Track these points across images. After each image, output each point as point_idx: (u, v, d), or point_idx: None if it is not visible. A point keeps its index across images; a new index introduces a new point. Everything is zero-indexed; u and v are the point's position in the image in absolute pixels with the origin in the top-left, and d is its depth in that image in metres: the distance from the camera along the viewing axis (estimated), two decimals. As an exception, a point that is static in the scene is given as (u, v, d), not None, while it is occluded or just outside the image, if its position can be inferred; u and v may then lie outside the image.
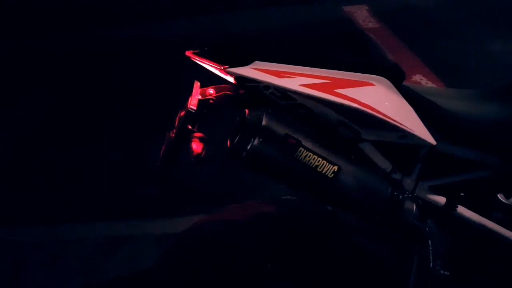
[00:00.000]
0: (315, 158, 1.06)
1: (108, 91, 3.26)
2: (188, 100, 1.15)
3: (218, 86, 1.19)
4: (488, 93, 1.40)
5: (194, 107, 1.12)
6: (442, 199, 1.29)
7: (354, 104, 1.06)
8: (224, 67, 1.09)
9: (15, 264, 1.95)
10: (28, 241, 2.06)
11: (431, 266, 1.19)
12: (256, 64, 1.08)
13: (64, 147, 2.71)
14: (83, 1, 4.39)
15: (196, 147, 1.10)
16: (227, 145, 1.09)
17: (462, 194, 1.31)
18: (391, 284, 1.33)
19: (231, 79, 1.15)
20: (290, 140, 1.04)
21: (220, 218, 1.86)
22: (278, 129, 1.04)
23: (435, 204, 1.28)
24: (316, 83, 1.06)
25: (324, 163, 1.06)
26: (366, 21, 3.85)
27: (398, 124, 1.09)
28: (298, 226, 1.53)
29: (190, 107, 1.12)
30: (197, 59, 1.14)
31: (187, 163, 1.13)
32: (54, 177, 2.48)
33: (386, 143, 1.18)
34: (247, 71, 1.07)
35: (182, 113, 1.16)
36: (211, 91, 1.18)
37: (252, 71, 1.07)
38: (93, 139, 2.75)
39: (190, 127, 1.14)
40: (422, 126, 1.15)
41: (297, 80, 1.06)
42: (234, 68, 1.08)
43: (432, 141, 1.16)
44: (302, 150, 1.05)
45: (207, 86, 1.19)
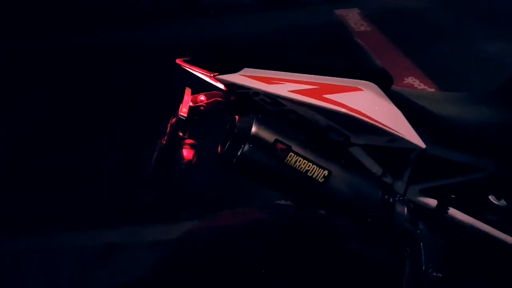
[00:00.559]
0: (305, 163, 1.06)
1: (108, 91, 3.26)
2: (179, 107, 1.15)
3: (209, 92, 1.20)
4: (478, 96, 1.40)
5: (185, 114, 1.13)
6: (433, 202, 1.30)
7: (343, 109, 1.06)
8: (214, 74, 1.10)
9: (11, 272, 1.94)
10: (24, 249, 2.06)
11: (424, 269, 1.19)
12: (246, 70, 1.09)
13: (64, 147, 2.71)
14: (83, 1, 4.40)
15: (187, 154, 1.10)
16: (218, 151, 1.10)
17: (453, 196, 1.32)
18: (384, 287, 1.34)
19: (221, 86, 1.15)
20: (280, 145, 1.05)
21: (215, 224, 1.86)
22: (268, 135, 1.05)
23: (426, 207, 1.29)
24: (305, 89, 1.07)
25: (314, 168, 1.07)
26: (358, 24, 3.87)
27: (387, 128, 1.10)
28: (294, 230, 1.53)
29: (181, 115, 1.12)
30: (187, 66, 1.15)
31: (181, 169, 1.14)
32: (53, 177, 2.48)
33: (376, 147, 1.19)
34: (236, 78, 1.08)
35: (173, 120, 1.17)
36: (202, 97, 1.19)
37: (242, 77, 1.08)
38: (90, 140, 2.75)
39: (181, 134, 1.15)
40: (411, 129, 1.16)
41: (286, 86, 1.07)
42: (224, 75, 1.09)
43: (422, 144, 1.17)
44: (292, 155, 1.05)
45: (199, 93, 1.20)
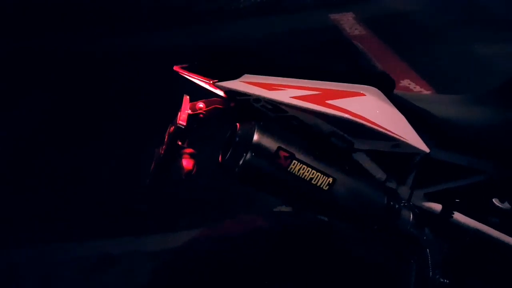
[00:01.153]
0: (309, 170, 1.04)
1: (108, 91, 3.23)
2: (177, 115, 1.13)
3: (208, 99, 1.18)
4: (477, 97, 1.40)
5: (184, 123, 1.10)
6: (438, 206, 1.28)
7: (346, 115, 1.05)
8: (213, 81, 1.07)
9: (7, 286, 1.89)
10: (19, 261, 2.01)
11: (431, 275, 1.18)
12: (246, 77, 1.07)
13: (61, 151, 2.68)
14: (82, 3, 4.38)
15: (187, 164, 1.08)
16: (219, 160, 1.08)
17: (457, 200, 1.31)
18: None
19: (221, 93, 1.13)
20: (283, 153, 1.03)
21: (214, 233, 1.84)
22: (270, 142, 1.03)
23: (431, 212, 1.28)
24: (307, 95, 1.05)
25: (318, 175, 1.05)
26: (353, 28, 3.88)
27: (391, 133, 1.09)
28: (294, 237, 1.51)
29: (180, 123, 1.10)
30: (185, 73, 1.12)
31: (180, 180, 1.11)
32: (53, 177, 2.45)
33: (379, 152, 1.17)
34: (236, 85, 1.06)
35: (172, 128, 1.14)
36: (201, 105, 1.16)
37: (242, 84, 1.06)
38: (85, 146, 2.71)
39: (180, 143, 1.12)
40: (415, 134, 1.15)
41: (287, 92, 1.05)
42: (223, 82, 1.07)
43: (425, 148, 1.16)
44: (295, 163, 1.03)
45: (197, 100, 1.17)
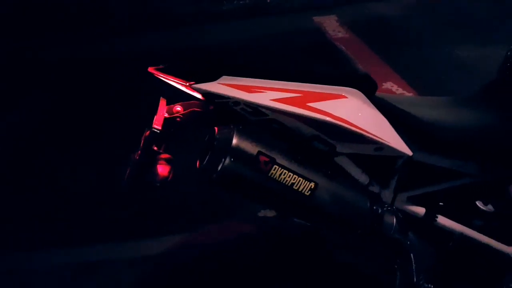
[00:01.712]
0: (290, 175, 1.02)
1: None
2: (154, 119, 1.09)
3: (186, 102, 1.14)
4: (460, 100, 1.40)
5: (159, 127, 1.06)
6: (421, 210, 1.27)
7: (328, 118, 1.03)
8: (190, 83, 1.04)
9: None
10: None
11: (415, 279, 1.16)
12: (224, 79, 1.04)
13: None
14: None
15: (162, 170, 1.04)
16: (197, 165, 1.04)
17: (441, 203, 1.30)
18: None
19: (199, 96, 1.09)
20: (263, 158, 1.00)
21: (197, 239, 1.80)
22: (250, 147, 1.00)
23: (415, 216, 1.26)
24: (287, 97, 1.02)
25: (300, 180, 1.02)
26: (336, 31, 3.89)
27: (373, 136, 1.07)
28: (280, 242, 1.49)
29: (155, 127, 1.06)
30: (161, 75, 1.08)
31: (155, 187, 1.07)
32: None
33: (362, 155, 1.15)
34: (214, 87, 1.03)
35: (147, 133, 1.10)
36: (178, 108, 1.12)
37: (220, 86, 1.03)
38: (66, 152, 2.66)
39: (156, 148, 1.08)
40: (397, 136, 1.13)
41: (267, 94, 1.02)
42: (201, 84, 1.03)
43: (408, 151, 1.14)
44: (276, 168, 1.01)
45: (175, 103, 1.13)
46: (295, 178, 1.01)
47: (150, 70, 1.08)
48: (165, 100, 1.13)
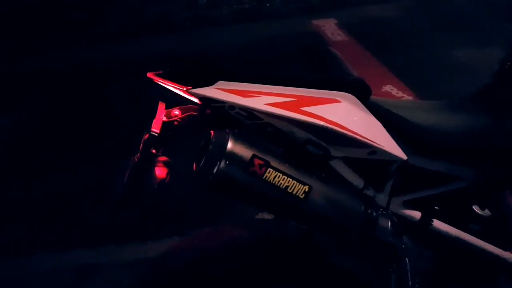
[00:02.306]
0: (284, 178, 1.02)
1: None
2: (152, 123, 1.10)
3: (183, 106, 1.15)
4: (456, 103, 1.40)
5: (157, 130, 1.08)
6: (417, 214, 1.27)
7: (321, 122, 1.03)
8: (187, 88, 1.05)
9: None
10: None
11: (410, 283, 1.16)
12: (220, 84, 1.05)
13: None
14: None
15: (160, 172, 1.05)
16: (193, 168, 1.05)
17: (437, 207, 1.30)
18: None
19: (196, 100, 1.11)
20: (257, 161, 1.01)
21: (194, 242, 1.81)
22: (244, 150, 1.01)
23: (410, 220, 1.27)
24: (281, 102, 1.03)
25: (294, 184, 1.03)
26: (335, 34, 3.90)
27: (367, 140, 1.08)
28: (276, 245, 1.49)
29: (153, 131, 1.07)
30: (159, 80, 1.10)
31: (153, 188, 1.08)
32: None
33: (357, 159, 1.16)
34: (211, 92, 1.04)
35: (146, 136, 1.11)
36: (176, 112, 1.14)
37: (216, 91, 1.04)
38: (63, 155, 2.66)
39: (154, 151, 1.09)
40: (391, 140, 1.14)
41: (262, 99, 1.04)
42: (198, 89, 1.05)
43: (403, 155, 1.15)
44: (271, 171, 1.02)
45: (173, 107, 1.15)
46: (289, 181, 1.02)
47: (149, 75, 1.10)
48: (163, 104, 1.14)
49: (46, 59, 3.90)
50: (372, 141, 1.08)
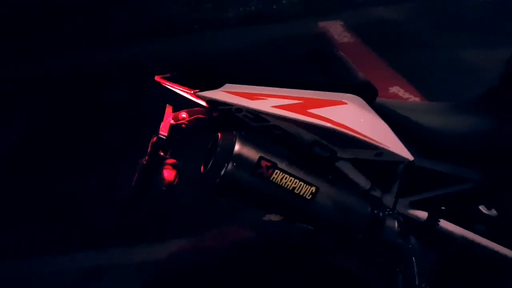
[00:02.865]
0: (291, 180, 1.03)
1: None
2: (160, 126, 1.12)
3: (191, 109, 1.17)
4: (462, 105, 1.40)
5: (165, 133, 1.09)
6: (423, 214, 1.28)
7: (328, 124, 1.04)
8: (194, 91, 1.07)
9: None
10: (4, 275, 1.97)
11: (417, 284, 1.17)
12: (227, 86, 1.06)
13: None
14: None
15: (168, 175, 1.06)
16: (201, 171, 1.06)
17: (443, 208, 1.30)
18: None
19: (203, 103, 1.12)
20: (265, 163, 1.02)
21: (202, 243, 1.81)
22: (251, 152, 1.02)
23: (416, 220, 1.27)
24: (288, 104, 1.04)
25: (301, 185, 1.04)
26: (341, 36, 3.90)
27: (373, 141, 1.08)
28: (283, 247, 1.49)
29: (161, 133, 1.09)
30: (167, 84, 1.12)
31: (161, 191, 1.09)
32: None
33: (363, 161, 1.16)
34: (218, 95, 1.05)
35: (154, 139, 1.13)
36: (183, 115, 1.15)
37: (223, 94, 1.05)
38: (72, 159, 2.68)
39: (162, 153, 1.11)
40: (398, 141, 1.14)
41: (269, 101, 1.05)
42: (205, 92, 1.06)
43: (409, 156, 1.15)
44: (278, 172, 1.03)
45: (181, 110, 1.16)
46: (296, 182, 1.03)
47: (157, 79, 1.12)
48: (171, 107, 1.16)
49: (52, 60, 3.94)
50: (378, 142, 1.09)
